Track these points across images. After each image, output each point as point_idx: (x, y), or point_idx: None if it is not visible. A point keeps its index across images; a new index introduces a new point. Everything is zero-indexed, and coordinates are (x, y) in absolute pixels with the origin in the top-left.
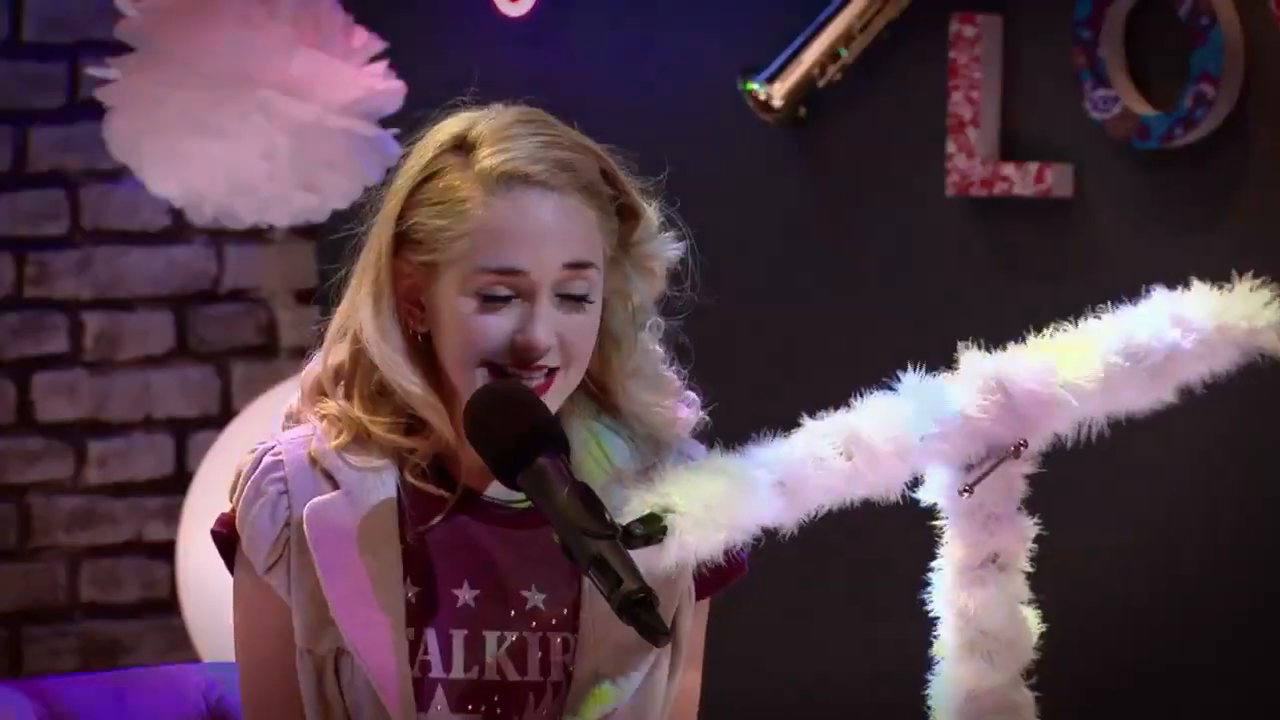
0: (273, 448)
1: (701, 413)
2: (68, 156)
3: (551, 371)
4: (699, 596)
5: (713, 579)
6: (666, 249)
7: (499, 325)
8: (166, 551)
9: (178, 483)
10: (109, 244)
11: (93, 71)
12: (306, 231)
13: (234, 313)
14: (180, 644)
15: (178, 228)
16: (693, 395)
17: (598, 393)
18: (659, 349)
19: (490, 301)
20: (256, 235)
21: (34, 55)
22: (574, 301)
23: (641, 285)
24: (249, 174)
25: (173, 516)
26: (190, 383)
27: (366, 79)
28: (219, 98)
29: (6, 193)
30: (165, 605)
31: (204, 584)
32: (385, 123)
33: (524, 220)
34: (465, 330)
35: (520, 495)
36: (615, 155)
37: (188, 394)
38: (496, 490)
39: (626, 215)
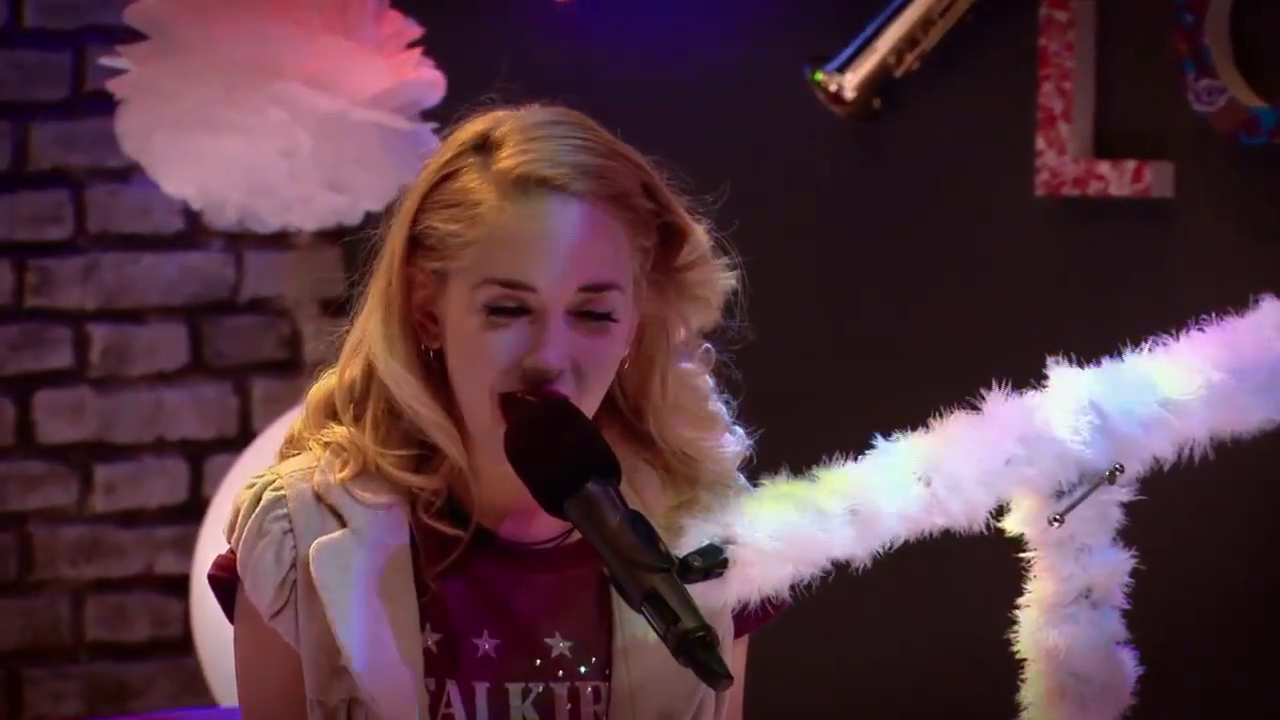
0: (273, 482)
1: (747, 446)
2: (72, 154)
3: None
4: (738, 634)
5: (753, 615)
6: (718, 276)
7: (506, 345)
8: (179, 586)
9: (192, 511)
10: (117, 249)
11: (106, 62)
12: (333, 236)
13: (254, 324)
14: (194, 687)
15: (192, 231)
16: (739, 430)
17: (632, 420)
18: (707, 381)
19: (497, 315)
20: (278, 240)
21: (35, 42)
22: (594, 320)
23: (688, 313)
24: (268, 173)
25: (186, 548)
26: (206, 401)
27: (396, 68)
28: (233, 90)
29: (5, 193)
30: (178, 645)
31: (220, 622)
32: (427, 116)
33: (538, 229)
34: (471, 350)
35: (541, 536)
36: (662, 169)
37: (203, 413)
38: (514, 530)
39: (671, 236)
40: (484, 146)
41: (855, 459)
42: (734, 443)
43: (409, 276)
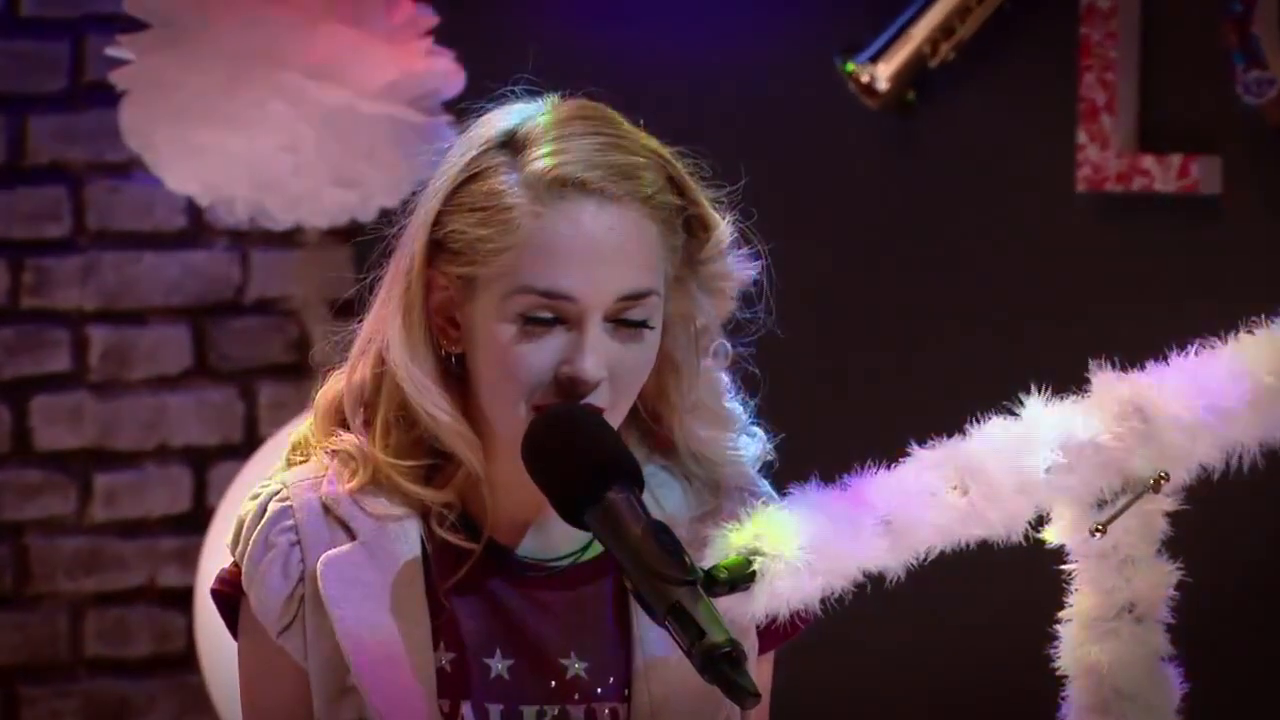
0: (278, 492)
1: (767, 447)
2: (71, 148)
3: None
4: (763, 649)
5: (778, 629)
6: (739, 268)
7: (541, 356)
8: (183, 600)
9: (195, 521)
10: (117, 248)
11: (112, 52)
12: (343, 233)
13: (260, 326)
14: (197, 705)
15: (196, 229)
16: (757, 430)
17: (651, 426)
18: (724, 378)
19: (532, 325)
20: (286, 238)
21: (33, 32)
22: (630, 328)
23: (708, 307)
24: (271, 168)
25: (190, 560)
26: (210, 406)
27: (405, 58)
28: (233, 81)
29: (1, 189)
30: (181, 661)
31: (225, 638)
32: (450, 109)
33: (576, 236)
34: (504, 360)
35: (556, 553)
36: (685, 159)
37: (207, 419)
38: (528, 547)
39: (695, 228)
40: (511, 145)
41: (888, 466)
42: (753, 444)
43: (430, 280)
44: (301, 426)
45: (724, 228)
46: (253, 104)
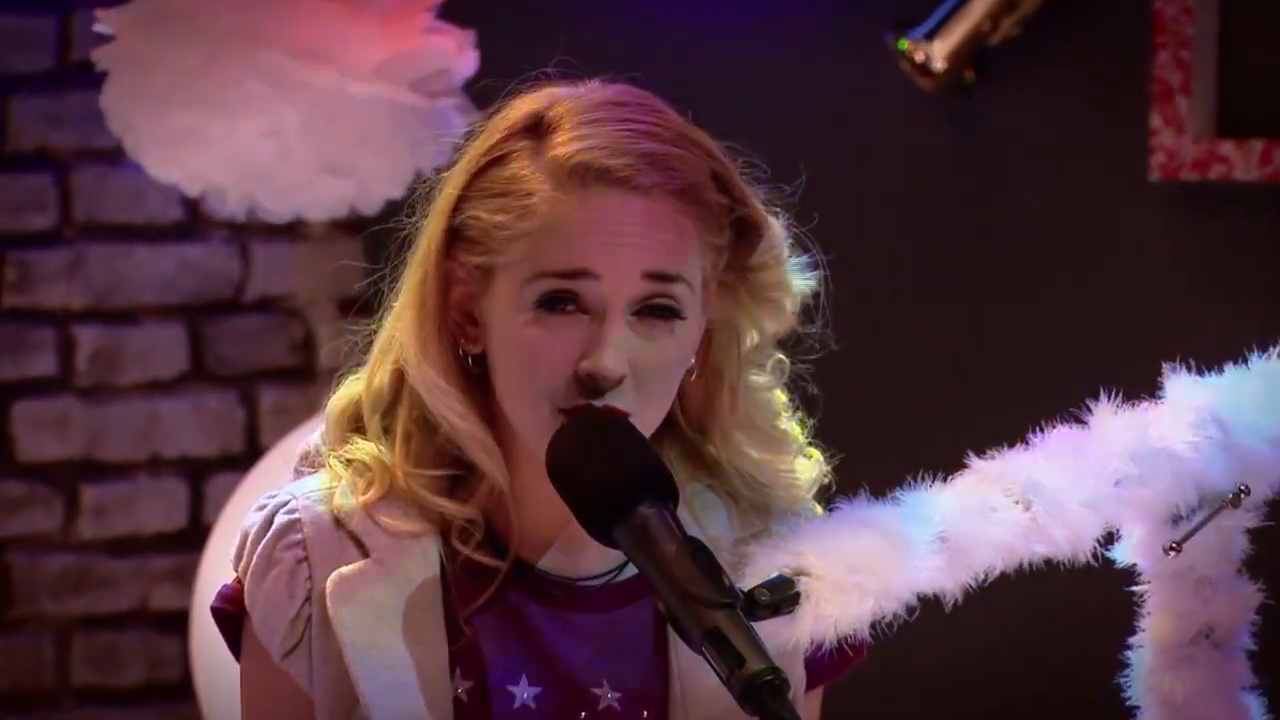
0: (286, 504)
1: (825, 470)
2: (56, 132)
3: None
4: (810, 685)
5: (828, 663)
6: (796, 278)
7: (560, 347)
8: (178, 623)
9: (191, 538)
10: (107, 240)
11: (100, 29)
12: (350, 226)
13: (262, 326)
14: None
15: (192, 221)
16: (814, 452)
17: (694, 442)
18: (779, 396)
19: (550, 312)
20: (289, 231)
21: (15, 6)
22: (657, 319)
23: (760, 318)
24: (255, 155)
25: (185, 580)
26: (207, 413)
27: (398, 36)
28: (210, 62)
29: None
30: (176, 690)
31: (223, 664)
32: (474, 95)
33: (597, 220)
34: (521, 352)
35: (590, 572)
36: (737, 156)
37: (204, 427)
38: (558, 563)
39: (745, 231)
40: (537, 129)
41: (945, 479)
42: (810, 467)
43: (447, 272)
44: (312, 435)
45: (775, 231)
46: (230, 85)
